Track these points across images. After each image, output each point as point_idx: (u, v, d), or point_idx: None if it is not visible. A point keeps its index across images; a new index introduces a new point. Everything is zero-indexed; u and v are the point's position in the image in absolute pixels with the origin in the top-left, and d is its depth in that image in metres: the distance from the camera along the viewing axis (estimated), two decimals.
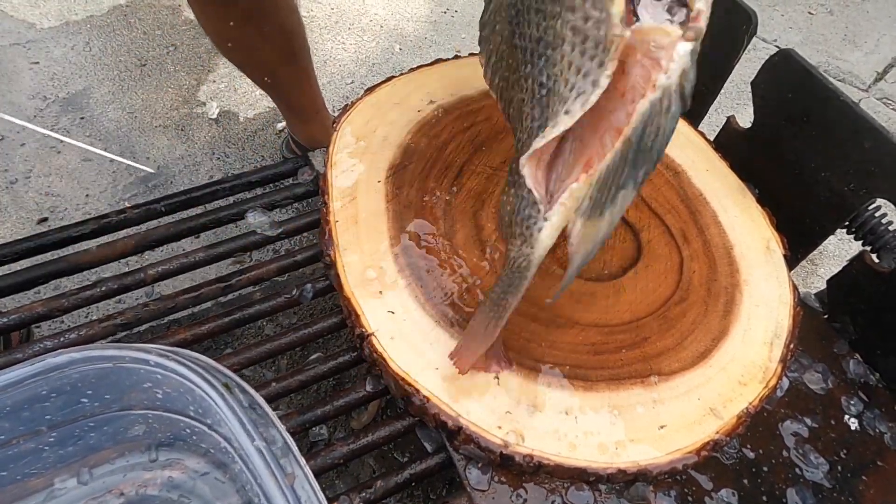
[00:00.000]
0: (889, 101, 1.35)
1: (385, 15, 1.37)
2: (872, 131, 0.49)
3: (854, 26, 1.51)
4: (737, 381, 0.48)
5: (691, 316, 0.51)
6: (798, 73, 0.53)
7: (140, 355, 0.36)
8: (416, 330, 0.48)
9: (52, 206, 0.98)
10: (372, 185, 0.55)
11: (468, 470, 0.45)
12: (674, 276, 0.53)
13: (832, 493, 0.48)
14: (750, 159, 0.60)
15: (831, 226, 0.56)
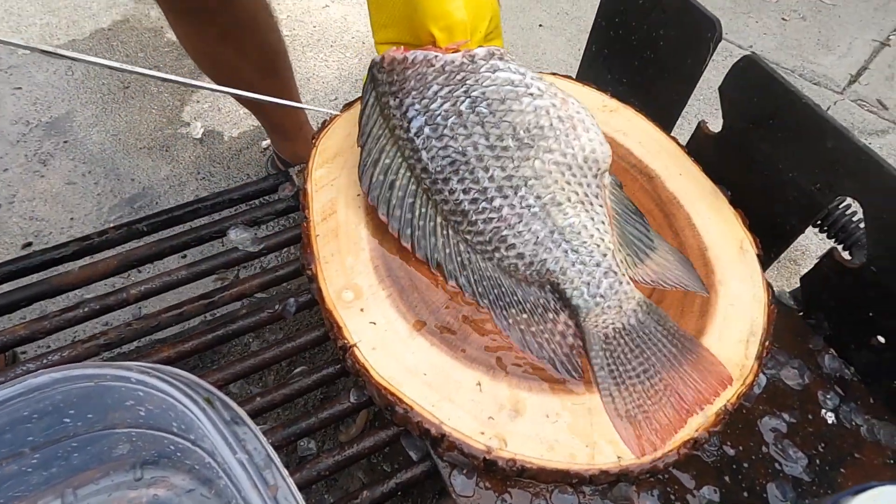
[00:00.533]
0: (864, 102, 1.38)
1: (367, 32, 1.38)
2: (835, 131, 0.51)
3: (827, 31, 1.55)
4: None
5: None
6: (762, 77, 0.55)
7: (121, 373, 0.37)
8: (398, 339, 0.48)
9: (37, 230, 0.98)
10: (351, 199, 0.56)
11: (453, 477, 0.46)
12: None
13: (811, 487, 0.48)
14: (722, 162, 0.62)
15: (801, 225, 0.57)
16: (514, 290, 0.49)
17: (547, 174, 0.50)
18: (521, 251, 0.49)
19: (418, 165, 0.50)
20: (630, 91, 0.71)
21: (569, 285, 0.49)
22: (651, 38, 0.66)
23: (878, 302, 0.53)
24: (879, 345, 0.54)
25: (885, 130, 1.32)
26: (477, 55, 0.50)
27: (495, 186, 0.49)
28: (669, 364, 0.47)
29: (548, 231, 0.49)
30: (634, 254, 0.51)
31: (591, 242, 0.49)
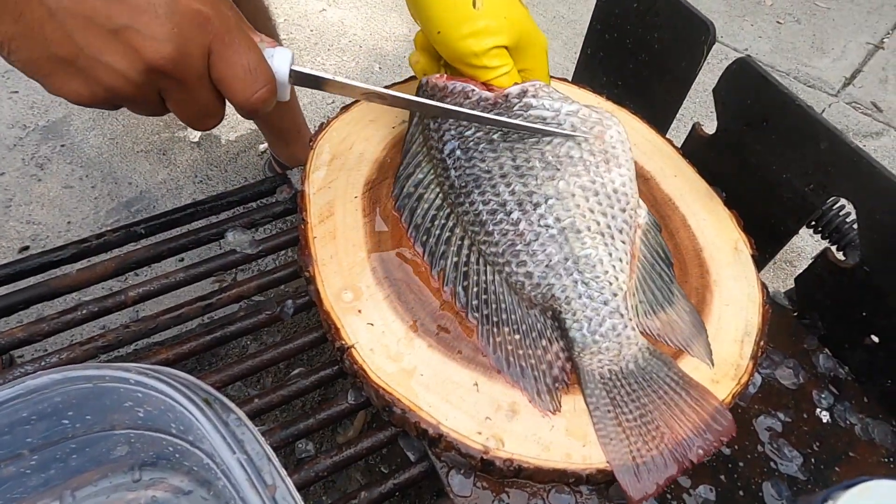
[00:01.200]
0: (858, 104, 1.39)
1: (364, 35, 1.39)
2: (828, 133, 0.51)
3: (821, 34, 1.56)
4: (709, 379, 0.49)
5: None
6: (755, 80, 0.56)
7: (120, 374, 0.37)
8: (396, 340, 0.48)
9: (34, 234, 0.98)
10: (349, 201, 0.56)
11: (451, 477, 0.46)
12: None
13: (807, 485, 0.49)
14: (716, 164, 0.62)
15: (795, 225, 0.58)
16: (513, 309, 0.49)
17: (569, 196, 0.49)
18: (530, 270, 0.49)
19: (446, 182, 0.52)
20: (625, 94, 0.72)
21: (570, 316, 0.48)
22: (646, 42, 0.67)
23: (871, 301, 0.53)
24: (873, 344, 0.54)
25: (879, 132, 1.32)
26: (510, 94, 0.51)
27: (515, 200, 0.50)
28: (670, 411, 0.46)
29: (562, 257, 0.48)
30: (649, 303, 0.50)
31: (603, 278, 0.48)
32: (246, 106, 0.39)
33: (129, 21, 0.32)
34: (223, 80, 0.37)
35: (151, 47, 0.33)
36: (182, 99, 0.37)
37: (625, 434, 0.45)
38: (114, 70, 0.33)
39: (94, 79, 0.33)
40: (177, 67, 0.35)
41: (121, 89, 0.34)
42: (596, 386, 0.47)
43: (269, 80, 0.39)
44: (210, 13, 0.35)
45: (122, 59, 0.33)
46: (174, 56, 0.34)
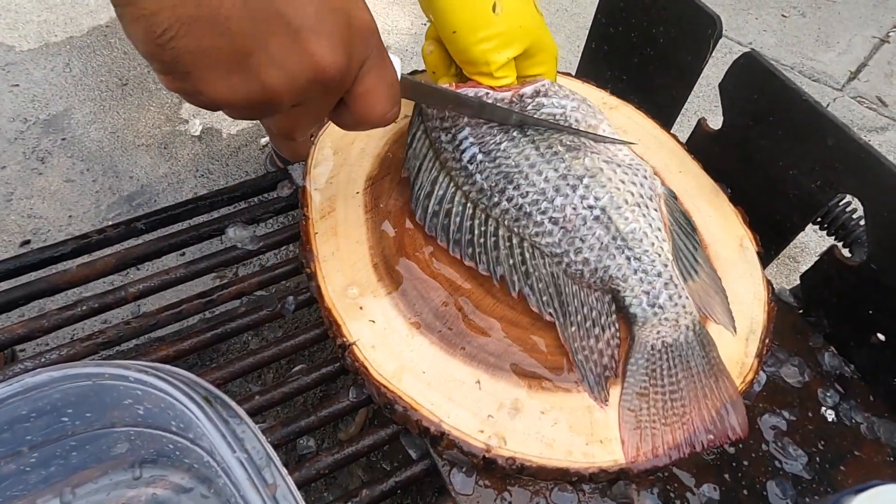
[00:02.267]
0: (863, 99, 1.38)
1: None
2: (835, 129, 0.51)
3: (826, 27, 1.55)
4: None
5: None
6: (762, 75, 0.55)
7: (119, 371, 0.37)
8: (397, 337, 0.48)
9: (35, 228, 0.98)
10: (350, 197, 0.55)
11: (453, 475, 0.46)
12: None
13: (811, 484, 0.48)
14: (721, 160, 0.61)
15: (801, 222, 0.57)
16: (573, 299, 0.49)
17: (599, 171, 0.50)
18: (587, 256, 0.49)
19: (473, 189, 0.52)
20: (630, 88, 0.71)
21: (629, 293, 0.48)
22: (651, 35, 0.66)
23: (878, 299, 0.53)
24: (879, 342, 0.54)
25: (884, 127, 1.31)
26: (525, 94, 0.52)
27: (552, 186, 0.50)
28: (696, 395, 0.47)
29: (611, 237, 0.49)
30: (680, 270, 0.50)
31: (651, 251, 0.49)
32: (378, 122, 0.38)
33: (314, 24, 0.31)
34: (368, 95, 0.36)
35: (328, 54, 0.31)
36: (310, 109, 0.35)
37: (647, 402, 0.46)
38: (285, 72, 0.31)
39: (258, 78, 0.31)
40: (341, 78, 0.33)
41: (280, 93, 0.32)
42: (643, 357, 0.48)
43: (399, 99, 0.39)
44: (374, 26, 0.34)
45: (297, 61, 0.31)
46: (343, 66, 0.32)
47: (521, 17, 0.49)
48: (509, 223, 0.51)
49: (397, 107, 0.38)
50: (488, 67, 0.50)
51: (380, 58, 0.36)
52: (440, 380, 0.46)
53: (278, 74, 0.31)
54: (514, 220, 0.50)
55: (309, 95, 0.33)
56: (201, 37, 0.29)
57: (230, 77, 0.31)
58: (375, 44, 0.35)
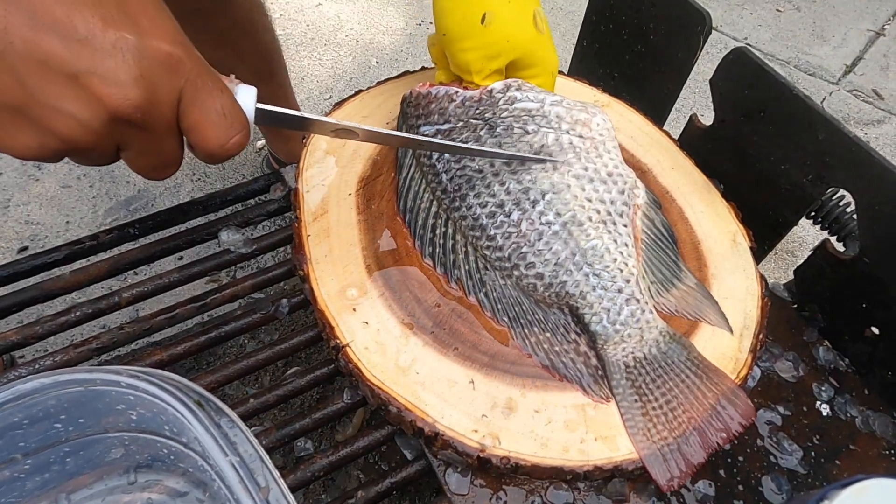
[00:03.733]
0: (859, 92, 1.38)
1: (360, 29, 1.38)
2: (826, 123, 0.51)
3: (821, 21, 1.54)
4: None
5: None
6: (752, 70, 0.55)
7: (111, 377, 0.37)
8: (390, 339, 0.48)
9: (33, 234, 0.98)
10: (343, 198, 0.55)
11: (448, 475, 0.46)
12: None
13: (807, 479, 0.48)
14: (714, 155, 0.61)
15: (794, 217, 0.57)
16: (534, 310, 0.49)
17: (566, 188, 0.49)
18: (540, 271, 0.48)
19: (438, 188, 0.52)
20: (621, 85, 0.71)
21: (588, 310, 0.48)
22: (642, 32, 0.66)
23: (871, 293, 0.53)
24: (873, 336, 0.54)
25: (880, 120, 1.31)
26: (494, 89, 0.52)
27: (512, 199, 0.49)
28: (692, 396, 0.46)
29: (569, 252, 0.48)
30: (660, 281, 0.50)
31: (613, 267, 0.48)
32: (219, 154, 0.36)
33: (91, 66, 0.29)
34: (196, 127, 0.34)
35: (118, 94, 0.30)
36: (144, 149, 0.34)
37: (652, 423, 0.45)
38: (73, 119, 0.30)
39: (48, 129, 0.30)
40: (145, 116, 0.31)
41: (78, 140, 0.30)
42: (622, 376, 0.47)
43: (244, 125, 0.36)
44: (182, 55, 0.32)
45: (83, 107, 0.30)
46: (143, 104, 0.31)
47: (511, 32, 0.49)
48: (465, 230, 0.51)
49: (238, 135, 0.36)
50: (470, 76, 0.51)
51: (200, 86, 0.33)
52: (434, 380, 0.46)
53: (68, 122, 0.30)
54: (469, 228, 0.51)
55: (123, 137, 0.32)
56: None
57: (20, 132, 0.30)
58: (188, 74, 0.33)
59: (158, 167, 0.36)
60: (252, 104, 0.37)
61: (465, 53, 0.50)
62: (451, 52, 0.50)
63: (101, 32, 0.29)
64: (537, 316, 0.48)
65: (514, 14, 0.49)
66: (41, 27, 0.28)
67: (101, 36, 0.29)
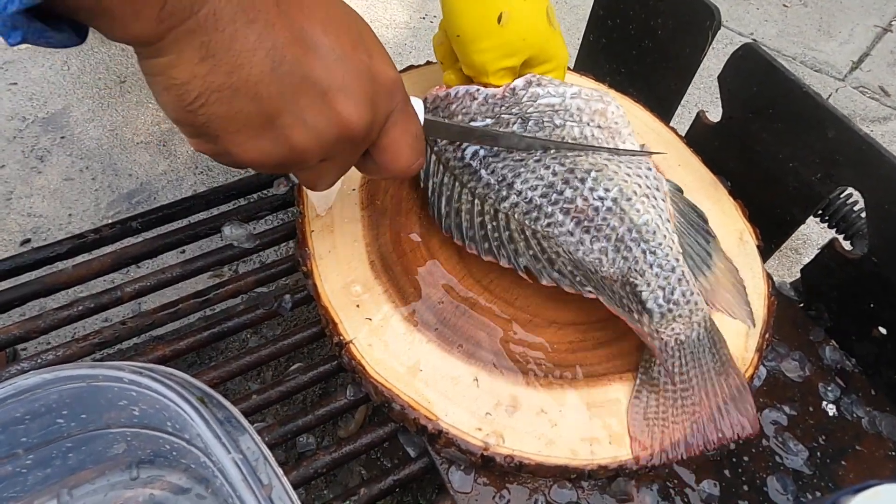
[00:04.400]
0: (865, 89, 1.37)
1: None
2: (835, 121, 0.50)
3: (828, 17, 1.53)
4: None
5: None
6: (762, 66, 0.54)
7: (113, 373, 0.37)
8: (394, 336, 0.48)
9: (35, 226, 0.98)
10: (346, 194, 0.55)
11: (451, 473, 0.46)
12: None
13: (812, 479, 0.48)
14: (721, 153, 0.61)
15: (801, 215, 0.57)
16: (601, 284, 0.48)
17: (605, 166, 0.49)
18: (604, 245, 0.48)
19: (479, 185, 0.51)
20: (628, 81, 0.71)
21: (646, 287, 0.47)
22: (649, 27, 0.65)
23: (879, 292, 0.52)
24: (881, 336, 0.53)
25: (887, 117, 1.30)
26: (517, 86, 0.51)
27: (560, 179, 0.49)
28: (706, 393, 0.46)
29: (626, 228, 0.47)
30: (693, 266, 0.49)
31: (665, 243, 0.48)
32: (403, 173, 0.39)
33: (341, 84, 0.31)
34: (393, 147, 0.37)
35: (354, 112, 0.32)
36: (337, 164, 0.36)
37: (657, 400, 0.46)
38: (313, 131, 0.32)
39: (287, 138, 0.32)
40: (365, 133, 0.34)
41: (309, 151, 0.32)
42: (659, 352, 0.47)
43: (424, 149, 0.40)
44: (399, 81, 0.35)
45: (324, 120, 0.32)
46: (368, 121, 0.33)
47: (527, 30, 0.49)
48: (519, 217, 0.49)
49: (422, 157, 0.39)
50: (486, 77, 0.51)
51: (404, 112, 0.37)
52: (437, 377, 0.46)
53: (306, 134, 0.32)
54: (524, 213, 0.49)
55: (336, 151, 0.34)
56: (231, 102, 0.29)
57: (259, 138, 0.31)
58: (400, 98, 0.36)
59: (332, 180, 0.38)
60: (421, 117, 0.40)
61: (481, 54, 0.49)
62: (465, 53, 0.50)
63: (351, 55, 0.32)
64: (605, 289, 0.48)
65: (530, 12, 0.48)
66: (309, 46, 0.30)
67: (351, 58, 0.32)
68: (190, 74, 0.28)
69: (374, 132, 0.35)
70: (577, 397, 0.46)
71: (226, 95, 0.29)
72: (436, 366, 0.47)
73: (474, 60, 0.50)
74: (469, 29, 0.48)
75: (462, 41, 0.49)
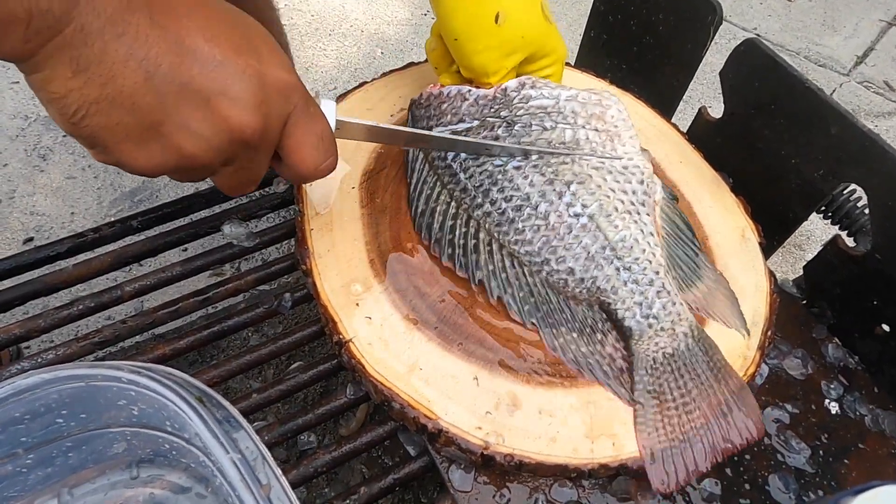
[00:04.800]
0: (870, 84, 1.36)
1: (365, 20, 1.37)
2: (839, 117, 0.50)
3: (833, 12, 1.52)
4: None
5: None
6: (764, 62, 0.54)
7: (112, 373, 0.37)
8: (394, 334, 0.48)
9: (38, 225, 0.98)
10: (346, 192, 0.55)
11: (451, 472, 0.45)
12: None
13: (814, 478, 0.48)
14: (723, 149, 0.61)
15: (804, 212, 0.56)
16: (562, 308, 0.48)
17: (588, 178, 0.48)
18: (571, 266, 0.47)
19: (457, 188, 0.51)
20: (629, 77, 0.70)
21: (620, 305, 0.47)
22: (650, 23, 0.65)
23: (882, 290, 0.52)
24: (884, 333, 0.53)
25: (891, 112, 1.29)
26: (508, 87, 0.51)
27: (537, 192, 0.48)
28: (709, 402, 0.45)
29: (599, 246, 0.47)
30: (680, 278, 0.49)
31: (643, 258, 0.47)
32: (311, 176, 0.39)
33: (223, 88, 0.32)
34: (297, 150, 0.37)
35: (242, 116, 0.32)
36: (243, 167, 0.36)
37: (663, 422, 0.45)
38: (200, 138, 0.32)
39: (174, 146, 0.32)
40: (259, 137, 0.34)
41: (199, 157, 0.33)
42: (646, 372, 0.46)
43: (335, 150, 0.39)
44: (295, 83, 0.35)
45: (210, 127, 0.32)
46: (260, 125, 0.33)
47: (525, 27, 0.48)
48: (490, 227, 0.50)
49: (331, 157, 0.39)
50: (487, 77, 0.50)
51: (306, 113, 0.37)
52: (437, 376, 0.46)
53: (193, 140, 0.32)
54: (495, 224, 0.49)
55: (234, 155, 0.35)
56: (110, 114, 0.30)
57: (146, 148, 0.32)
58: (297, 100, 0.36)
59: (247, 184, 0.38)
60: (332, 119, 0.40)
61: (479, 55, 0.48)
62: (463, 56, 0.49)
63: (234, 60, 0.32)
64: (565, 315, 0.47)
65: (526, 8, 0.48)
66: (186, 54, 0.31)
67: (234, 63, 0.32)
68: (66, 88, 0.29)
69: (272, 135, 0.35)
70: (577, 396, 0.46)
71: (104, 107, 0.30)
72: (436, 364, 0.47)
73: (474, 62, 0.49)
74: (466, 30, 0.47)
75: (460, 43, 0.48)
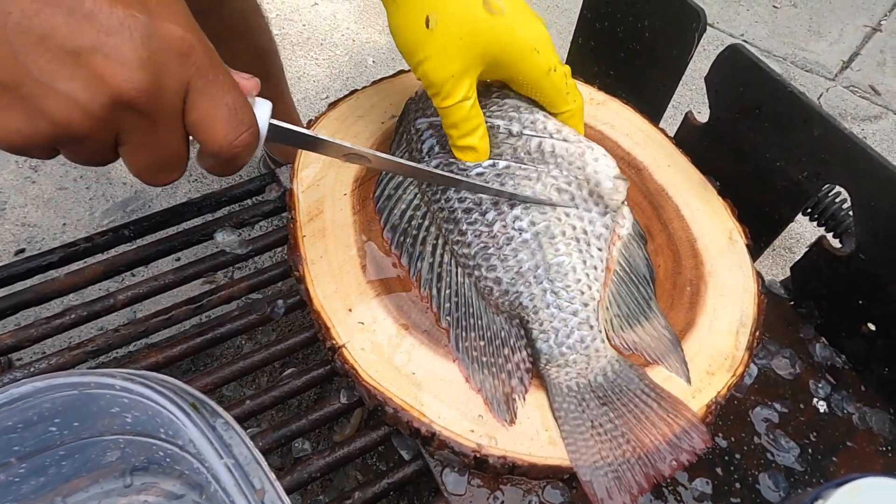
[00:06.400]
0: (856, 88, 1.38)
1: (357, 28, 1.38)
2: (821, 120, 0.51)
3: (818, 17, 1.54)
4: (704, 371, 0.48)
5: None
6: (747, 66, 0.55)
7: (105, 380, 0.37)
8: (387, 339, 0.48)
9: (30, 236, 0.98)
10: (338, 199, 0.55)
11: (445, 475, 0.46)
12: None
13: (804, 476, 0.48)
14: (709, 153, 0.61)
15: (790, 213, 0.57)
16: (480, 314, 0.48)
17: (546, 199, 0.49)
18: (499, 276, 0.48)
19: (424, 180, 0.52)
20: (617, 83, 0.71)
21: (537, 326, 0.47)
22: (637, 30, 0.66)
23: (868, 289, 0.52)
24: (870, 332, 0.53)
25: (877, 116, 1.31)
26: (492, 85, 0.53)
27: (490, 199, 0.49)
28: (641, 424, 0.44)
29: (533, 264, 0.47)
30: (624, 316, 0.48)
31: (575, 287, 0.47)
32: (226, 152, 0.33)
33: (94, 42, 0.27)
34: (203, 121, 0.32)
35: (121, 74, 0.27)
36: (144, 142, 0.31)
37: (596, 448, 0.44)
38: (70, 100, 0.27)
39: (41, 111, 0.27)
40: (149, 101, 0.29)
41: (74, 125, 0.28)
42: (563, 399, 0.45)
43: (252, 123, 0.34)
44: (194, 42, 0.30)
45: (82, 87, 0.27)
46: (148, 87, 0.28)
47: (460, 27, 0.43)
48: (440, 222, 0.51)
49: (247, 132, 0.33)
50: (435, 89, 0.45)
51: (214, 80, 0.31)
52: (430, 380, 0.46)
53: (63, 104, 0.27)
54: (444, 220, 0.51)
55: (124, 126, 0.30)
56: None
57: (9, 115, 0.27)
58: (199, 62, 0.30)
59: (160, 166, 0.33)
60: (266, 118, 0.36)
61: (420, 66, 0.44)
62: (412, 69, 0.46)
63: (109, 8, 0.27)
64: (481, 322, 0.48)
65: (459, 6, 0.43)
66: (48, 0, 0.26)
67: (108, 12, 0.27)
68: None
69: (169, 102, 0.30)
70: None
71: None
72: (428, 368, 0.47)
73: (419, 75, 0.45)
74: (405, 44, 0.44)
75: (406, 58, 0.45)
